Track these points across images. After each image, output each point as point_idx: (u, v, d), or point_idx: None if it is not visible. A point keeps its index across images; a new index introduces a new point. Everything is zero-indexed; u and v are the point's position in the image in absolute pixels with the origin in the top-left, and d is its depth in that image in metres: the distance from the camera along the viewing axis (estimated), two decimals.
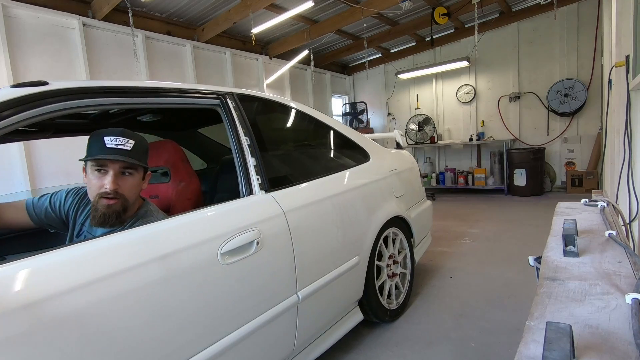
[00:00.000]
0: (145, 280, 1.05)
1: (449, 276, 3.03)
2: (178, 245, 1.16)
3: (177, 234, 1.19)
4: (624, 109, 2.01)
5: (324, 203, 1.79)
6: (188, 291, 1.15)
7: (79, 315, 0.91)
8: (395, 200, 2.37)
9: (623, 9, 2.35)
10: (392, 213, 2.27)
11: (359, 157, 2.30)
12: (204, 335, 1.19)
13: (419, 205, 2.80)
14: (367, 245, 2.03)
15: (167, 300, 1.09)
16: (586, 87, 6.20)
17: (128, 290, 1.01)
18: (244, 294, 1.32)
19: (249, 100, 1.77)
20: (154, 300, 1.06)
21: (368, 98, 8.84)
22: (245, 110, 1.65)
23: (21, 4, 3.78)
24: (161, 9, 4.94)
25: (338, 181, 2.00)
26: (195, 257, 1.18)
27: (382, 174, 2.35)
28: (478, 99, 7.40)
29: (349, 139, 2.34)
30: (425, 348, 2.03)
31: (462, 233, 4.36)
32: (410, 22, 6.64)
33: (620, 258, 0.93)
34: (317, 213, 1.74)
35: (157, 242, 1.14)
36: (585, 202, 1.58)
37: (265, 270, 1.41)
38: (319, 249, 1.71)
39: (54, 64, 4.04)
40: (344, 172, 2.09)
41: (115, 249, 1.05)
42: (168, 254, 1.12)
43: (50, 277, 0.91)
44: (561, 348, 0.53)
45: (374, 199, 2.18)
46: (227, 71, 6.02)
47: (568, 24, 6.31)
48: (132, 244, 1.09)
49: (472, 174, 7.31)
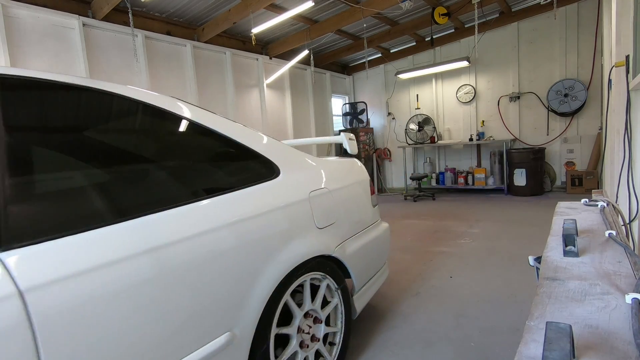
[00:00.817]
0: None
1: (449, 276, 3.03)
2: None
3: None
4: (624, 109, 2.01)
5: (145, 259, 1.05)
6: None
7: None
8: (316, 233, 1.70)
9: (623, 9, 2.35)
10: (309, 253, 1.61)
11: (259, 174, 1.56)
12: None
13: (364, 233, 2.12)
14: (254, 310, 1.36)
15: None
16: (586, 87, 6.20)
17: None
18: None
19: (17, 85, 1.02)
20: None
21: (368, 98, 8.84)
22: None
23: (21, 4, 3.78)
24: (161, 9, 4.95)
25: (193, 216, 1.22)
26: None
27: (294, 197, 1.63)
28: (478, 98, 7.40)
29: (241, 145, 1.54)
30: (425, 348, 2.03)
31: (462, 233, 4.36)
32: (410, 22, 6.64)
33: (620, 258, 0.94)
34: (121, 279, 0.99)
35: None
36: (585, 202, 1.58)
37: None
38: (120, 339, 0.98)
39: (54, 64, 4.05)
40: (214, 200, 1.31)
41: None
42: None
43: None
44: (561, 348, 0.53)
45: (274, 236, 1.47)
46: (227, 71, 6.02)
47: (568, 24, 6.31)
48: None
49: (472, 174, 7.32)
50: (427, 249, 3.82)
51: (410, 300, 2.62)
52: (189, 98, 5.44)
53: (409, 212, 6.02)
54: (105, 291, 0.96)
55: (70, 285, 0.90)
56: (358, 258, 2.00)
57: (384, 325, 2.31)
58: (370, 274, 2.17)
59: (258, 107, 6.62)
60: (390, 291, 2.82)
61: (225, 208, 1.33)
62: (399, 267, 3.34)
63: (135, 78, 4.79)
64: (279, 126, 7.10)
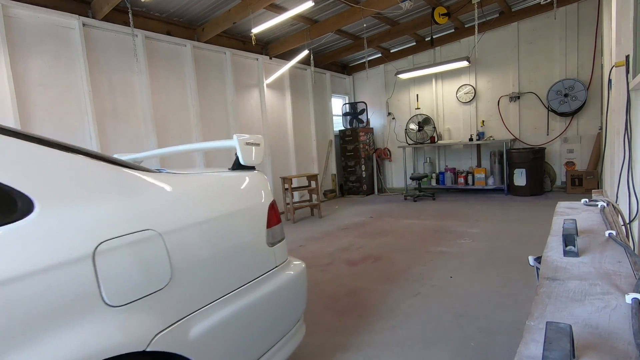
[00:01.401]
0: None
1: (449, 276, 3.03)
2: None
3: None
4: (624, 109, 2.01)
5: None
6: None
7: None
8: (106, 315, 0.99)
9: (623, 9, 2.35)
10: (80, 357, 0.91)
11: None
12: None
13: (247, 291, 1.43)
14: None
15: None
16: (586, 87, 6.20)
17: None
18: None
19: None
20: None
21: (368, 98, 8.84)
22: None
23: (21, 4, 3.78)
24: (161, 9, 4.95)
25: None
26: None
27: (54, 255, 0.91)
28: (478, 98, 7.40)
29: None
30: (426, 348, 2.03)
31: (462, 233, 4.36)
32: (410, 22, 6.64)
33: (620, 258, 0.94)
34: None
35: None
36: (585, 202, 1.58)
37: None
38: None
39: (54, 64, 4.05)
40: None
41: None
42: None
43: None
44: (561, 348, 0.53)
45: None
46: (227, 71, 6.02)
47: (568, 24, 6.31)
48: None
49: (472, 174, 7.32)
50: (427, 249, 3.82)
51: (411, 300, 2.62)
52: (189, 98, 5.45)
53: (409, 212, 6.02)
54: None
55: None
56: (223, 338, 1.29)
57: (384, 325, 2.31)
58: (261, 351, 1.47)
59: (258, 107, 6.62)
60: (391, 291, 2.82)
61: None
62: (399, 267, 3.34)
63: (135, 78, 4.79)
64: (279, 126, 7.10)
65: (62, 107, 4.09)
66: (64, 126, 4.10)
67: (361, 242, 4.36)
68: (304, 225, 5.63)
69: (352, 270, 3.39)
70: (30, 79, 3.88)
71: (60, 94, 4.08)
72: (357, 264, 3.54)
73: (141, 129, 4.84)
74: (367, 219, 5.69)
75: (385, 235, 4.57)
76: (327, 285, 3.08)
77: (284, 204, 6.14)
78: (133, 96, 4.78)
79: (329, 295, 2.87)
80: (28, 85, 3.85)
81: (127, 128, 4.70)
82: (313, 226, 5.52)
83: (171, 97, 5.24)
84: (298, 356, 2.05)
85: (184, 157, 5.41)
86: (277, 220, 1.65)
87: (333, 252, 4.03)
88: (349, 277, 3.22)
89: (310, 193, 6.44)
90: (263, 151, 1.65)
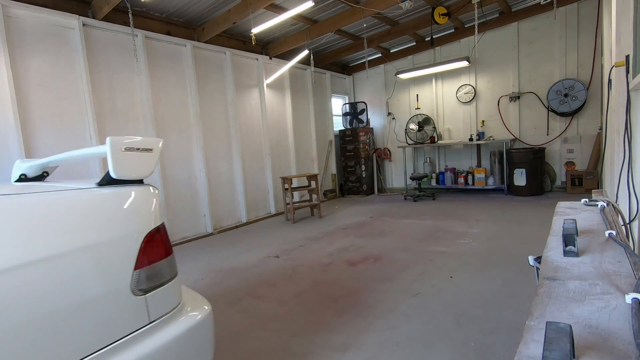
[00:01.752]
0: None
1: (449, 276, 3.03)
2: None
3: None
4: (624, 109, 2.01)
5: None
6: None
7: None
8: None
9: (623, 9, 2.35)
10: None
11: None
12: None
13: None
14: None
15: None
16: (586, 87, 6.20)
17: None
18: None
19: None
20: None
21: (368, 98, 8.84)
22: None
23: (21, 4, 3.78)
24: (161, 9, 4.94)
25: None
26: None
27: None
28: (478, 98, 7.40)
29: None
30: (426, 348, 2.03)
31: (462, 233, 4.36)
32: (410, 22, 6.64)
33: (620, 258, 0.94)
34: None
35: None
36: (585, 202, 1.58)
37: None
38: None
39: (54, 64, 4.04)
40: None
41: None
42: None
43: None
44: (561, 348, 0.53)
45: None
46: (227, 71, 6.02)
47: (568, 24, 6.31)
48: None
49: (472, 174, 7.32)
50: (428, 249, 3.82)
51: (411, 300, 2.62)
52: (189, 98, 5.44)
53: (409, 212, 6.02)
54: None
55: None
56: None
57: (384, 325, 2.31)
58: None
59: (258, 107, 6.62)
60: (391, 291, 2.82)
61: None
62: (399, 267, 3.34)
63: (135, 78, 4.79)
64: (279, 126, 7.10)
65: (62, 107, 4.09)
66: (64, 126, 4.10)
67: (361, 242, 4.36)
68: (304, 225, 5.63)
69: (352, 270, 3.39)
70: (30, 79, 3.88)
71: (60, 94, 4.08)
72: (357, 264, 3.54)
73: (141, 129, 4.84)
74: (367, 219, 5.69)
75: (385, 235, 4.57)
76: (327, 285, 3.08)
77: (284, 204, 6.14)
78: (133, 96, 4.78)
79: (329, 295, 2.87)
80: (28, 85, 3.85)
81: (127, 128, 4.70)
82: (313, 226, 5.52)
83: (171, 97, 5.24)
84: (298, 356, 2.05)
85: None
86: (164, 253, 1.22)
87: (333, 252, 4.03)
88: (349, 277, 3.22)
89: (310, 193, 6.44)
90: (156, 159, 1.23)
